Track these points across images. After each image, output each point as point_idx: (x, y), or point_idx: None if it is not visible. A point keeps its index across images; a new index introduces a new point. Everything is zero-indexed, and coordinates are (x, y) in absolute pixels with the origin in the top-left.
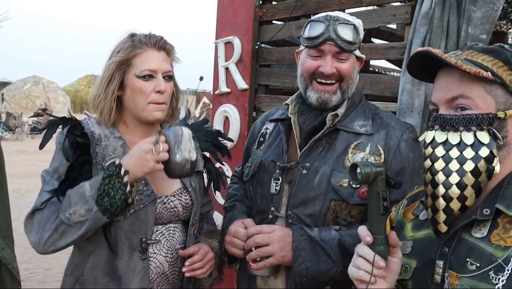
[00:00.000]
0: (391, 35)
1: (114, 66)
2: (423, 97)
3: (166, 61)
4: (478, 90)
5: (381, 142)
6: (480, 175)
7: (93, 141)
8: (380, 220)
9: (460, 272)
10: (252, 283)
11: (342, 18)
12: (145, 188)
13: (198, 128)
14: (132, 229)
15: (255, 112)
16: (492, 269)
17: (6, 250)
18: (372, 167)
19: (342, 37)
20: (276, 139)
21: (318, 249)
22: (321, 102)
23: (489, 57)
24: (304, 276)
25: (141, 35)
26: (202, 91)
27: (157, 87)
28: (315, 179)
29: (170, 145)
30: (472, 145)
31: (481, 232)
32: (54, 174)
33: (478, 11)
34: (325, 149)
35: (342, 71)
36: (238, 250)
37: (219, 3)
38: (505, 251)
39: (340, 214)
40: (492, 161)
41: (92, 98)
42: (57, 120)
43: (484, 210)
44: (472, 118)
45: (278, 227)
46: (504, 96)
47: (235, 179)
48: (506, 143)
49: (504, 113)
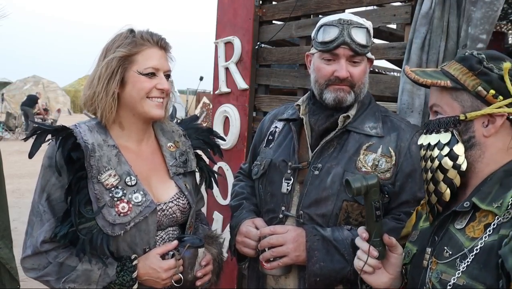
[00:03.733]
0: (391, 35)
1: (115, 62)
2: (423, 97)
3: (166, 60)
4: (446, 97)
5: (392, 145)
6: (447, 171)
7: (87, 153)
8: (374, 226)
9: (439, 259)
10: (262, 282)
11: (356, 22)
12: (144, 199)
13: (189, 125)
14: (134, 241)
15: (255, 112)
16: (459, 257)
17: (4, 250)
18: (363, 180)
19: (356, 41)
20: (286, 139)
21: (332, 249)
22: (337, 102)
23: (459, 65)
24: (318, 276)
25: (143, 32)
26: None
27: (159, 85)
28: (327, 179)
29: (185, 265)
30: (436, 144)
31: (461, 223)
32: (42, 196)
33: (478, 11)
34: (337, 150)
35: (354, 76)
36: (250, 250)
37: (219, 3)
38: (472, 241)
39: (352, 214)
40: (457, 158)
41: (89, 97)
42: (46, 130)
43: (465, 203)
44: (440, 122)
45: (292, 227)
46: (469, 100)
47: (241, 176)
48: (476, 143)
49: (465, 116)
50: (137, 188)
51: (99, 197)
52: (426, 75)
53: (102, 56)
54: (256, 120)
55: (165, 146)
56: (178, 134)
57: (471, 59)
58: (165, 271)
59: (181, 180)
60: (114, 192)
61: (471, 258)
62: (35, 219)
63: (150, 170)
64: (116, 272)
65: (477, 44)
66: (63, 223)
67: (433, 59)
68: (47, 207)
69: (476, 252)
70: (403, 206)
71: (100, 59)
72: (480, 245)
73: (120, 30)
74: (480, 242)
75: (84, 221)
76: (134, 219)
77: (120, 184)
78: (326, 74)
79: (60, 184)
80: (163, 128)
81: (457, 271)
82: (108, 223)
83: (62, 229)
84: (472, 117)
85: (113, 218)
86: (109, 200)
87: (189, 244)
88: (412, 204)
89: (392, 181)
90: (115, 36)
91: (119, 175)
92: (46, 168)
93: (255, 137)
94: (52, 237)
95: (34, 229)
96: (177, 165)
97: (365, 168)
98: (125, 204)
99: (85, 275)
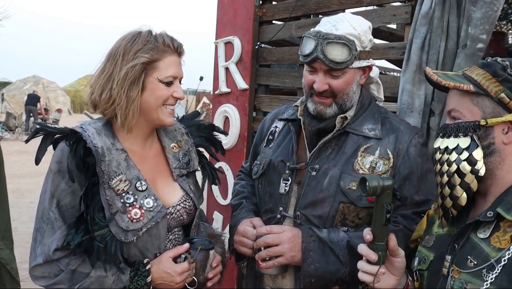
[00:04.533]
0: (391, 35)
1: (139, 68)
2: (423, 97)
3: (181, 67)
4: (466, 102)
5: (390, 147)
6: (465, 175)
7: (98, 157)
8: (382, 229)
9: (461, 267)
10: (259, 281)
11: (333, 36)
12: (156, 204)
13: (191, 122)
14: (146, 246)
15: (255, 112)
16: (486, 267)
17: (5, 251)
18: (380, 180)
19: (328, 58)
20: (285, 139)
21: (327, 250)
22: (316, 114)
23: (482, 71)
24: (313, 276)
25: (164, 36)
26: (202, 91)
27: (176, 93)
28: (324, 181)
29: (197, 268)
30: (455, 148)
31: (484, 233)
32: (52, 202)
33: (478, 11)
34: (334, 151)
35: (334, 88)
36: (247, 249)
37: (219, 3)
38: (499, 252)
39: (348, 216)
40: (475, 163)
41: (104, 100)
42: (51, 132)
43: (488, 212)
44: (459, 126)
45: (288, 228)
46: (491, 106)
47: (242, 175)
48: (495, 150)
49: (486, 121)
50: (148, 193)
51: (111, 203)
52: (449, 78)
53: (118, 56)
54: (256, 120)
55: (168, 147)
56: (181, 132)
57: (495, 65)
58: (179, 274)
59: (184, 181)
60: (125, 198)
61: (499, 269)
62: (46, 226)
63: (155, 172)
64: (130, 278)
65: (477, 44)
66: (76, 231)
67: (433, 59)
68: (58, 214)
69: (504, 262)
70: (400, 209)
71: (113, 59)
72: (508, 256)
73: (136, 30)
74: (507, 252)
75: (97, 229)
76: (146, 224)
77: (130, 188)
78: (308, 83)
79: (70, 189)
80: (166, 129)
81: (485, 282)
82: (122, 229)
83: (76, 237)
84: (493, 123)
85: (126, 224)
86: (121, 206)
87: (201, 247)
88: (409, 206)
89: None
90: (132, 36)
91: (129, 180)
92: (55, 173)
93: (256, 136)
94: (64, 245)
95: (45, 237)
96: (180, 167)
97: (363, 170)
98: (137, 209)
99: (99, 281)
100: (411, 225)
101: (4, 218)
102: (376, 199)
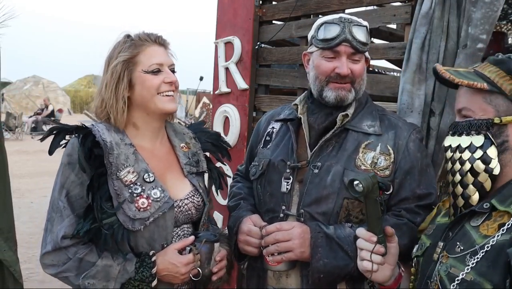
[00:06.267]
0: (391, 35)
1: (120, 67)
2: (423, 97)
3: (168, 55)
4: (478, 100)
5: (390, 143)
6: (478, 174)
7: (106, 150)
8: (378, 222)
9: (450, 253)
10: (262, 281)
11: (356, 20)
12: (163, 195)
13: (198, 129)
14: (153, 237)
15: (255, 112)
16: (470, 253)
17: (8, 252)
18: (368, 178)
19: (357, 38)
20: (283, 139)
21: (335, 246)
22: (339, 100)
23: (495, 68)
24: (322, 272)
25: (139, 34)
26: (202, 91)
27: (167, 78)
28: (327, 177)
29: (202, 260)
30: (468, 147)
31: (476, 221)
32: (61, 192)
33: (478, 11)
34: (336, 148)
35: (355, 73)
36: (252, 248)
37: (219, 3)
38: (484, 238)
39: (352, 212)
40: (490, 162)
41: (98, 105)
42: (66, 128)
43: (484, 204)
44: (472, 124)
45: (297, 224)
46: (505, 104)
47: (238, 177)
48: (508, 148)
49: (500, 119)
50: (155, 184)
51: (119, 193)
52: (461, 76)
53: (106, 66)
54: (256, 121)
55: (178, 146)
56: (189, 136)
57: (508, 62)
58: (184, 265)
59: (194, 178)
60: (133, 188)
61: (481, 255)
62: (55, 215)
63: (165, 168)
64: (135, 268)
65: (477, 44)
66: (84, 220)
67: (433, 59)
68: (66, 203)
69: (486, 249)
70: (403, 203)
71: (104, 70)
72: (491, 243)
73: (117, 39)
74: (492, 240)
75: (105, 217)
76: (153, 214)
77: (138, 180)
78: (326, 71)
79: (79, 180)
80: (175, 130)
81: (466, 267)
82: (129, 218)
83: (85, 225)
84: (507, 121)
85: (133, 213)
86: (129, 195)
87: (206, 239)
88: (412, 200)
89: (391, 179)
90: (114, 45)
91: (137, 172)
92: (66, 165)
93: (251, 139)
94: (73, 234)
95: (54, 225)
96: (190, 164)
97: (365, 166)
98: (145, 199)
99: (105, 270)
100: (414, 218)
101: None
102: (366, 196)
